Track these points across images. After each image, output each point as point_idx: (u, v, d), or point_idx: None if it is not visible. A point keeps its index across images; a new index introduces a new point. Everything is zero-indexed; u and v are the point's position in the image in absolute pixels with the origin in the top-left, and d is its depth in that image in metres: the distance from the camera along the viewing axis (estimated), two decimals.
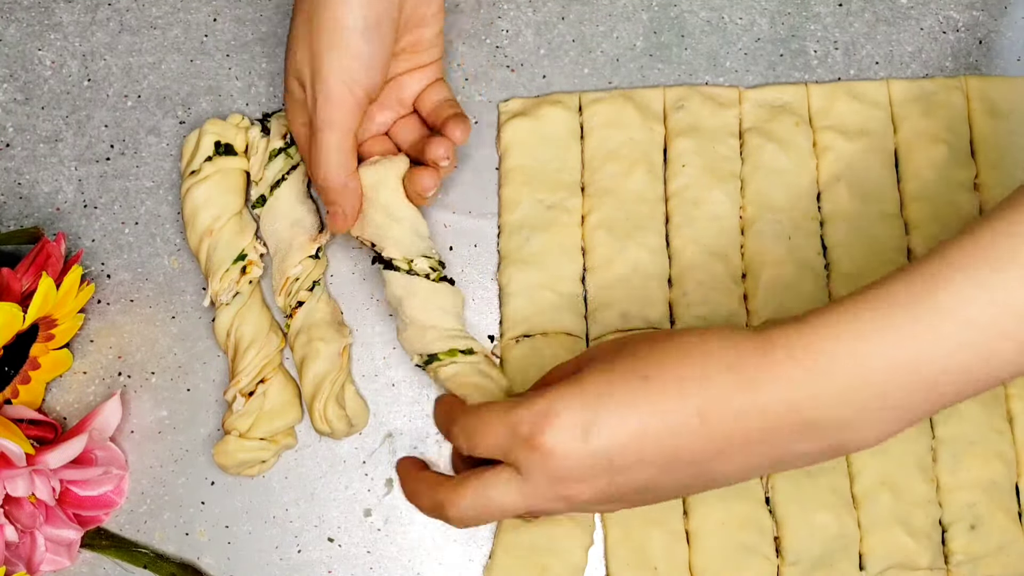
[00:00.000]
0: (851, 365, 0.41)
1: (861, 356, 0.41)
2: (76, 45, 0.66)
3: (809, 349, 0.41)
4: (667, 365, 0.43)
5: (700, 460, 0.44)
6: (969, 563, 0.57)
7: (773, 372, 0.42)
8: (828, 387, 0.41)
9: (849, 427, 0.42)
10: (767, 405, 0.42)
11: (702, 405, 0.42)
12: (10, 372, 0.57)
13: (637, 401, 0.43)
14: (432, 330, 0.57)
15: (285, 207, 0.60)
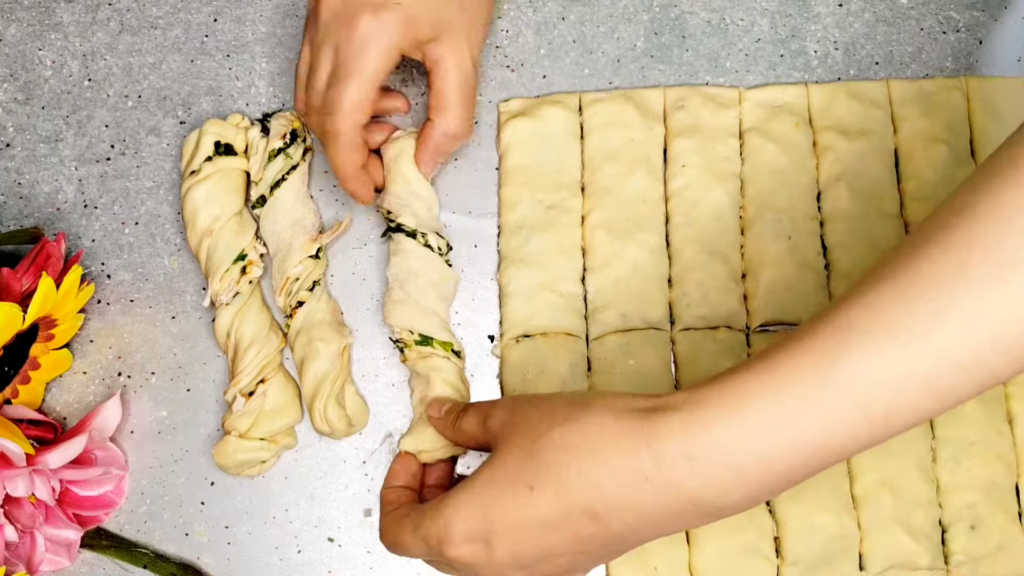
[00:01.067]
0: (754, 463, 0.41)
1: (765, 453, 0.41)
2: (76, 45, 0.66)
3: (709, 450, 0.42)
4: (550, 471, 0.44)
5: (606, 543, 0.45)
6: (969, 563, 0.57)
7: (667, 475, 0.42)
8: (725, 484, 0.42)
9: (740, 503, 0.43)
10: (662, 500, 0.43)
11: (592, 506, 0.43)
12: (10, 372, 0.57)
13: (527, 513, 0.44)
14: (434, 316, 0.58)
15: (285, 207, 0.60)
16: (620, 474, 0.43)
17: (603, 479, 0.43)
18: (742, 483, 0.42)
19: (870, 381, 0.40)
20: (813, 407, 0.41)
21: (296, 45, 0.66)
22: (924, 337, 0.39)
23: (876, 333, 0.40)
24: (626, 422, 0.44)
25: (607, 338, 0.60)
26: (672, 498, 0.43)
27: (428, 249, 0.59)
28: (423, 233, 0.59)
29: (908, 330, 0.40)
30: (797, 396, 0.41)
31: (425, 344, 0.58)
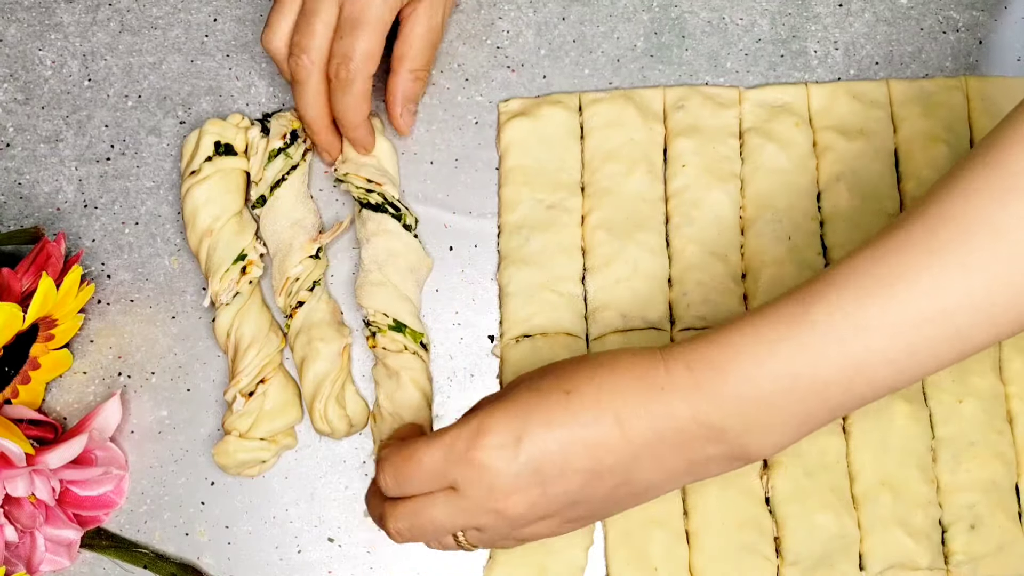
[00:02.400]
0: (740, 378, 0.45)
1: (747, 370, 0.45)
2: (76, 45, 0.66)
3: (704, 363, 0.46)
4: (585, 379, 0.47)
5: (622, 466, 0.47)
6: (969, 563, 0.57)
7: (675, 383, 0.46)
8: (722, 397, 0.45)
9: (746, 433, 0.46)
10: (674, 411, 0.46)
11: (619, 412, 0.46)
12: (10, 372, 0.57)
13: (561, 413, 0.46)
14: (408, 302, 0.59)
15: (285, 207, 0.61)
16: (641, 381, 0.46)
17: (627, 387, 0.46)
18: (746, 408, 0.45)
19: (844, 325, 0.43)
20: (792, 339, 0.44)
21: None
22: (899, 290, 0.43)
23: (854, 285, 0.44)
24: (644, 350, 0.48)
25: (607, 338, 0.60)
26: (681, 407, 0.45)
27: (408, 231, 0.60)
28: (405, 211, 0.60)
29: (928, 272, 0.43)
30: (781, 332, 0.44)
31: (398, 331, 0.58)
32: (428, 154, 0.64)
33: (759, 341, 0.45)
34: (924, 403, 0.59)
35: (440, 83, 0.65)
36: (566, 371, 0.48)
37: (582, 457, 0.46)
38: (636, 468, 0.47)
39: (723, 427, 0.45)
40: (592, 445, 0.46)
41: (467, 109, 0.65)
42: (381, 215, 0.60)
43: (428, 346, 0.60)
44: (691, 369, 0.45)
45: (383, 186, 0.60)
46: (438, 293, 0.62)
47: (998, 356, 0.60)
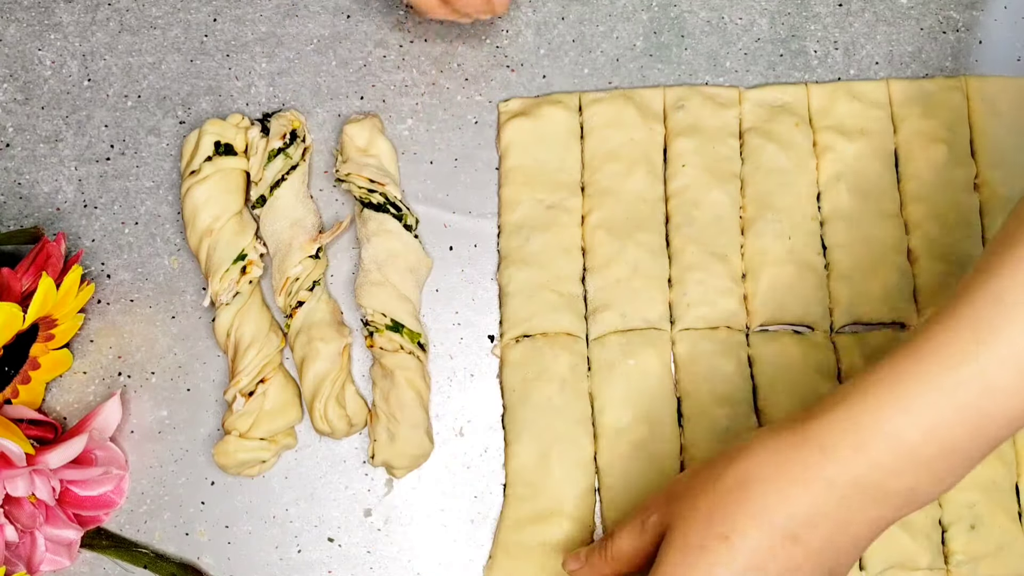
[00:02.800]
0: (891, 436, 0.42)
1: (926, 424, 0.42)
2: (76, 45, 0.66)
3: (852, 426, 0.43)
4: (738, 512, 0.43)
5: (814, 566, 0.44)
6: (969, 563, 0.57)
7: (850, 473, 0.43)
8: (897, 466, 0.42)
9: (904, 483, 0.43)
10: (847, 498, 0.43)
11: (787, 529, 0.43)
12: (10, 372, 0.57)
13: (733, 565, 0.43)
14: (407, 302, 0.59)
15: (285, 207, 0.61)
16: (805, 485, 0.43)
17: (791, 496, 0.43)
18: (916, 463, 0.42)
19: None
20: (974, 378, 0.41)
21: (295, 44, 0.65)
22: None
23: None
24: (791, 435, 0.44)
25: (607, 338, 0.60)
26: (857, 494, 0.43)
27: (409, 232, 0.60)
28: (407, 211, 0.60)
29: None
30: (957, 368, 0.41)
31: (396, 331, 0.58)
32: (428, 154, 0.64)
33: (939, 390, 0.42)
34: None
35: (440, 83, 0.65)
36: (711, 505, 0.44)
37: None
38: (825, 561, 0.44)
39: (898, 490, 0.43)
40: (777, 571, 0.43)
41: (467, 109, 0.65)
42: (382, 215, 0.60)
43: (426, 346, 0.60)
44: (863, 448, 0.42)
45: (385, 186, 0.60)
46: (438, 293, 0.62)
47: None
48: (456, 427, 0.60)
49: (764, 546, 0.43)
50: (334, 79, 0.65)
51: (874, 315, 0.61)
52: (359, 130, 0.61)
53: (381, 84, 0.65)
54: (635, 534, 0.48)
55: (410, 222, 0.61)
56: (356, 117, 0.63)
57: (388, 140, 0.62)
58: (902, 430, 0.42)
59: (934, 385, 0.42)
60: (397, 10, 0.66)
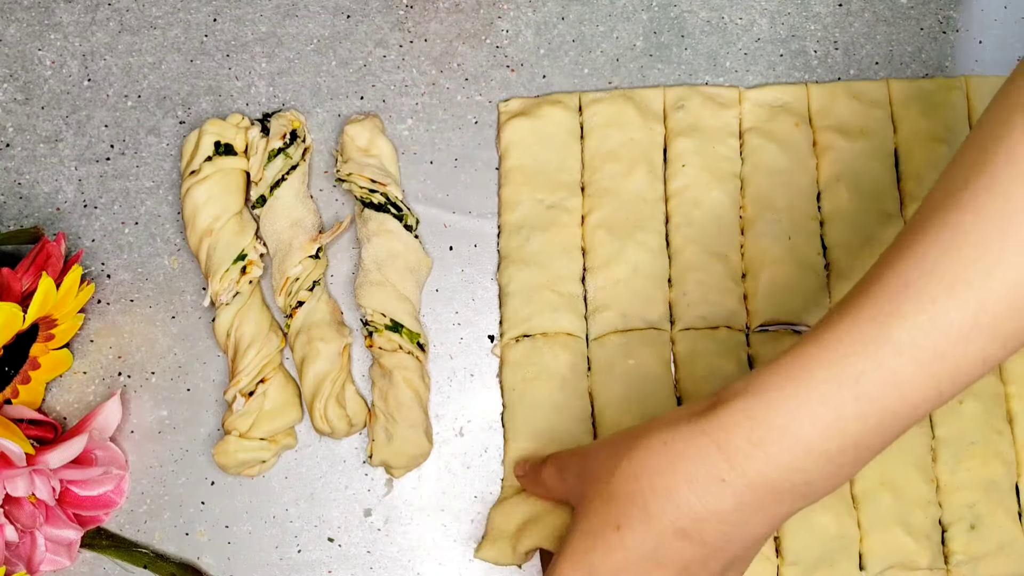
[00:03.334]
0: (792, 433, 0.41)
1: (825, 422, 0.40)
2: (76, 45, 0.66)
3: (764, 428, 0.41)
4: (631, 504, 0.44)
5: (707, 561, 0.44)
6: (969, 563, 0.57)
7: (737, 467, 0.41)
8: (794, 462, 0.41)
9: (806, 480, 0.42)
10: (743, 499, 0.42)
11: (682, 527, 0.43)
12: (10, 372, 0.57)
13: (622, 553, 0.44)
14: (407, 302, 0.59)
15: (285, 207, 0.61)
16: (695, 483, 0.42)
17: (680, 494, 0.42)
18: (820, 459, 0.41)
19: (933, 338, 0.39)
20: (877, 369, 0.39)
21: (295, 44, 0.65)
22: (983, 285, 0.38)
23: (933, 288, 0.39)
24: (687, 428, 0.43)
25: (607, 338, 0.60)
26: (753, 494, 0.41)
27: (409, 232, 0.60)
28: (407, 211, 0.60)
29: (966, 280, 0.38)
30: (859, 361, 0.40)
31: (395, 331, 0.58)
32: (428, 154, 0.64)
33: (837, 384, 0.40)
34: None
35: (440, 83, 0.65)
36: (613, 495, 0.45)
37: (666, 571, 0.44)
38: (720, 556, 0.44)
39: (799, 487, 0.42)
40: (671, 568, 0.44)
41: (467, 109, 0.65)
42: (383, 215, 0.60)
43: (426, 346, 0.60)
44: (762, 445, 0.41)
45: (387, 186, 0.60)
46: (438, 293, 0.62)
47: None
48: (456, 427, 0.60)
49: (652, 540, 0.43)
50: (334, 79, 0.65)
51: None
52: (360, 130, 0.61)
53: (381, 84, 0.65)
54: (556, 479, 0.52)
55: (411, 222, 0.61)
56: (357, 117, 0.63)
57: (389, 140, 0.62)
58: (800, 426, 0.40)
59: (834, 378, 0.40)
60: (397, 10, 0.66)
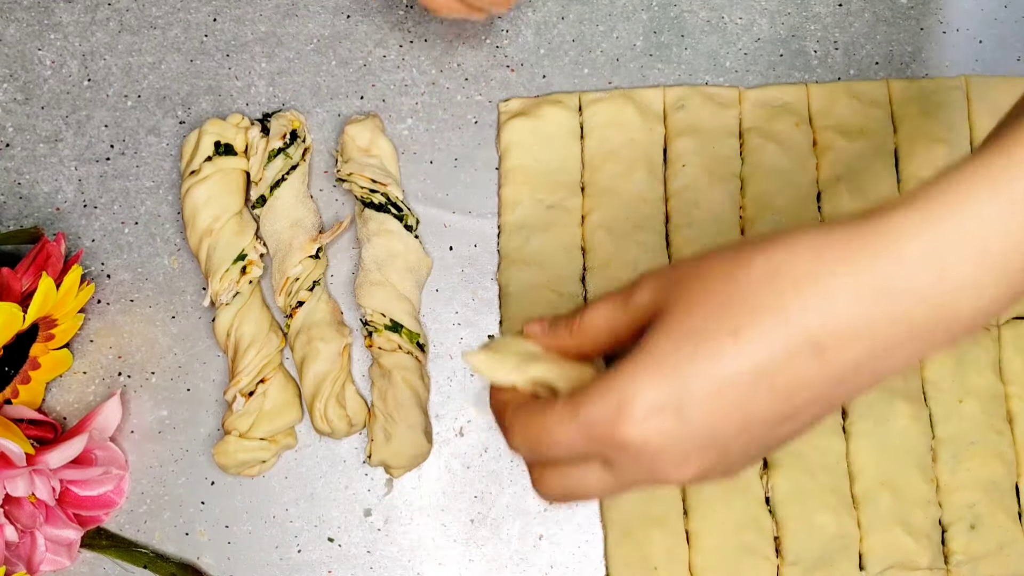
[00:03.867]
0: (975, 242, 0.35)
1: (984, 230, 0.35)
2: (76, 45, 0.66)
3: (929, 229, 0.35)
4: (759, 306, 0.36)
5: (822, 393, 0.37)
6: (969, 563, 0.57)
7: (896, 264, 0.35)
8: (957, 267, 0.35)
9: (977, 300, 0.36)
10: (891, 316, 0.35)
11: (815, 337, 0.35)
12: (10, 372, 0.57)
13: (735, 364, 0.36)
14: (407, 302, 0.59)
15: (285, 207, 0.60)
16: (851, 290, 0.35)
17: (832, 300, 0.35)
18: (998, 275, 0.35)
19: None
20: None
21: (295, 44, 0.65)
22: None
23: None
24: (842, 233, 0.36)
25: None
26: (916, 310, 0.35)
27: (409, 232, 0.60)
28: (408, 212, 0.60)
29: None
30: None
31: (395, 331, 0.58)
32: (428, 154, 0.64)
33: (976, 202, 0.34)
34: (924, 403, 0.60)
35: (440, 83, 0.65)
36: (722, 297, 0.36)
37: (769, 402, 0.36)
38: (840, 391, 0.37)
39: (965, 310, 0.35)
40: (781, 394, 0.36)
41: (467, 109, 0.65)
42: (383, 215, 0.60)
43: (426, 346, 0.60)
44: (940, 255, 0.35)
45: (388, 187, 0.60)
46: (438, 293, 0.62)
47: (998, 356, 0.60)
48: (456, 427, 0.60)
49: (778, 349, 0.35)
50: (334, 79, 0.65)
51: None
52: (361, 130, 0.61)
53: (381, 84, 0.65)
54: (614, 309, 0.41)
55: (411, 222, 0.61)
56: (357, 117, 0.63)
57: (389, 140, 0.62)
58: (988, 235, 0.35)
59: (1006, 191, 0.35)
60: (397, 10, 0.66)
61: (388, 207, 0.60)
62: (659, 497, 0.58)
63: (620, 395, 0.36)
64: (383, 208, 0.60)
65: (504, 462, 0.60)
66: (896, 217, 0.35)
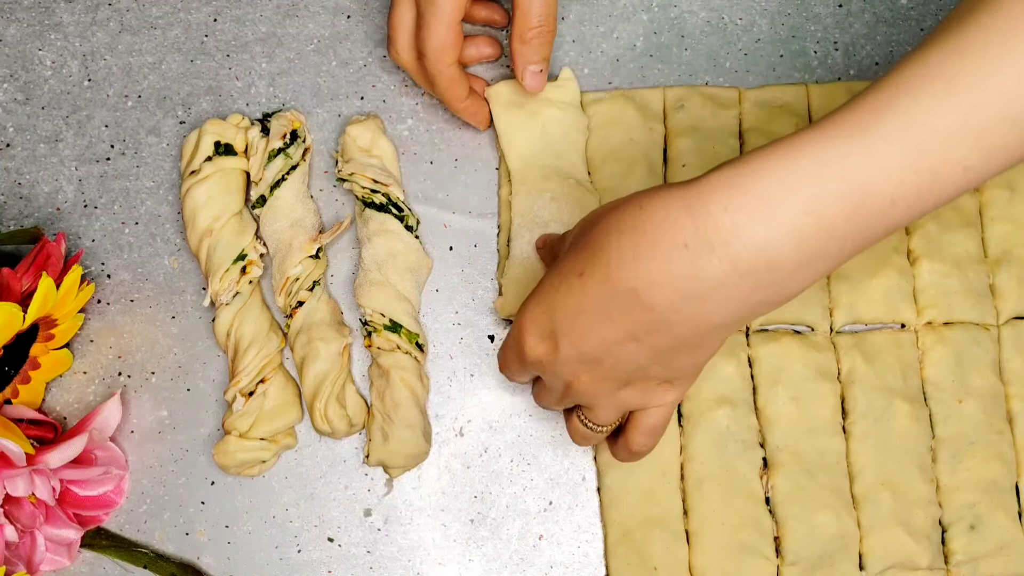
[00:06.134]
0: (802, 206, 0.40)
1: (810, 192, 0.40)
2: (76, 45, 0.66)
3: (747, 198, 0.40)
4: (598, 253, 0.44)
5: (655, 328, 0.44)
6: (969, 563, 0.57)
7: (703, 237, 0.41)
8: (764, 237, 0.40)
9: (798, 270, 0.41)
10: (700, 271, 0.41)
11: (634, 285, 0.42)
12: (10, 372, 0.57)
13: (579, 299, 0.45)
14: (406, 302, 0.59)
15: (285, 207, 0.61)
16: (658, 246, 0.42)
17: (642, 254, 0.42)
18: (792, 240, 0.40)
19: (921, 131, 0.39)
20: (861, 152, 0.39)
21: (296, 44, 0.66)
22: (978, 89, 0.39)
23: (929, 88, 0.39)
24: (665, 194, 0.43)
25: None
26: (713, 265, 0.41)
27: (410, 232, 0.60)
28: (408, 212, 0.60)
29: (962, 82, 0.39)
30: (847, 143, 0.40)
31: (394, 331, 0.58)
32: (428, 154, 0.64)
33: (822, 162, 0.40)
34: (924, 403, 0.60)
35: None
36: (586, 245, 0.45)
37: (615, 332, 0.44)
38: (668, 330, 0.44)
39: (761, 267, 0.40)
40: (620, 327, 0.44)
41: None
42: (384, 215, 0.60)
43: (425, 347, 0.60)
44: (733, 212, 0.40)
45: (389, 187, 0.60)
46: (438, 293, 0.62)
47: (998, 356, 0.60)
48: (456, 427, 0.60)
49: (606, 292, 0.43)
50: (334, 79, 0.65)
51: (874, 315, 0.61)
52: (362, 131, 0.61)
53: (381, 84, 0.65)
54: (561, 244, 0.51)
55: (411, 223, 0.61)
56: (358, 118, 0.63)
57: (390, 140, 0.62)
58: (779, 198, 0.40)
59: (820, 156, 0.40)
60: None
61: (389, 207, 0.60)
62: (659, 497, 0.58)
63: (518, 325, 0.48)
64: (384, 208, 0.60)
65: (504, 462, 0.60)
66: (706, 180, 0.42)
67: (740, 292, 0.41)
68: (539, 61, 0.59)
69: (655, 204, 0.43)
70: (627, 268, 0.43)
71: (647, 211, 0.43)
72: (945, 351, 0.60)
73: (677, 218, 0.41)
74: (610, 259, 0.43)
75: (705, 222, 0.41)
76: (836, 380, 0.60)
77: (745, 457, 0.58)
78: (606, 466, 0.58)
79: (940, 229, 0.61)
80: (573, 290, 0.45)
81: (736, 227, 0.40)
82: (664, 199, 0.42)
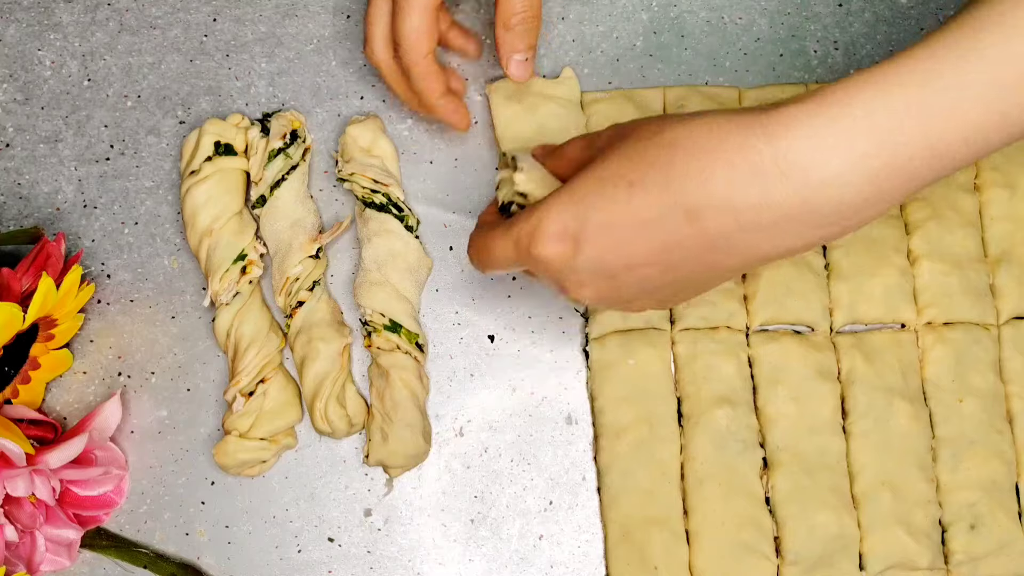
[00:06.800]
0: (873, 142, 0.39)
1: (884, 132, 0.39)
2: (76, 45, 0.66)
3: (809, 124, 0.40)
4: (655, 165, 0.42)
5: (693, 252, 0.43)
6: (969, 563, 0.57)
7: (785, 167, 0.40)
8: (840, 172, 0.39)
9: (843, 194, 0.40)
10: (772, 199, 0.40)
11: (688, 203, 0.41)
12: (10, 372, 0.57)
13: (622, 210, 0.42)
14: (406, 302, 0.59)
15: (285, 207, 0.61)
16: (731, 168, 0.40)
17: (710, 173, 0.41)
18: (864, 173, 0.39)
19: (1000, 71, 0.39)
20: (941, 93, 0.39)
21: (295, 44, 0.65)
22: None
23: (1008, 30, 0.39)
24: (740, 118, 0.41)
25: (607, 338, 0.60)
26: (784, 195, 0.40)
27: (410, 232, 0.60)
28: (408, 212, 0.60)
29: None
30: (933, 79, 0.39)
31: (394, 331, 0.58)
32: (428, 154, 0.64)
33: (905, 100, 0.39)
34: (924, 402, 0.60)
35: None
36: (642, 155, 0.43)
37: (647, 251, 0.43)
38: (711, 256, 0.43)
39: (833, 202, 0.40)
40: (656, 245, 0.43)
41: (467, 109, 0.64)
42: (384, 215, 0.60)
43: (425, 347, 0.60)
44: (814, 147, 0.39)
45: (389, 187, 0.60)
46: (438, 293, 0.62)
47: (998, 356, 0.61)
48: (456, 427, 0.60)
49: (657, 208, 0.42)
50: (334, 79, 0.65)
51: (874, 315, 0.61)
52: (362, 131, 0.61)
53: (381, 84, 0.65)
54: (583, 147, 0.48)
55: (412, 223, 0.61)
56: (358, 118, 0.63)
57: (390, 140, 0.62)
58: (858, 134, 0.39)
59: (904, 96, 0.39)
60: None
61: (389, 207, 0.60)
62: (659, 497, 0.58)
63: (538, 218, 0.45)
64: (384, 208, 0.60)
65: (504, 462, 0.60)
66: (785, 110, 0.40)
67: (802, 227, 0.41)
68: (524, 49, 0.57)
69: (730, 126, 0.41)
70: (692, 188, 0.41)
71: (722, 131, 0.41)
72: (945, 351, 0.60)
73: (754, 144, 0.40)
74: (672, 175, 0.41)
75: (786, 153, 0.39)
76: (836, 380, 0.60)
77: (745, 457, 0.58)
78: (606, 466, 0.59)
79: (940, 229, 0.61)
80: (617, 198, 0.42)
81: (814, 161, 0.39)
82: (740, 122, 0.41)
